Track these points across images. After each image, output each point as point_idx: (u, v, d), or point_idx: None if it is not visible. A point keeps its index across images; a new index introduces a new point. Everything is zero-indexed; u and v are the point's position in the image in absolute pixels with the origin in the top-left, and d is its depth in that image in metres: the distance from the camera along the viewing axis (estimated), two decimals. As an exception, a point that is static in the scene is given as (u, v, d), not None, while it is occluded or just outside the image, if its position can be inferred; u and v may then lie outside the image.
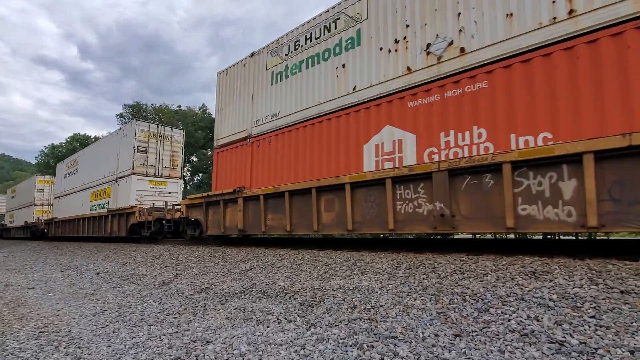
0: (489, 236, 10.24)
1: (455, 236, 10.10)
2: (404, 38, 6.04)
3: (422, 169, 5.07)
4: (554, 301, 3.00)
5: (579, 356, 2.31)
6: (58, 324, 4.47)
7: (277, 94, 8.33)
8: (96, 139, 49.73)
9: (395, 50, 6.14)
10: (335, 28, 7.25)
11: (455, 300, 3.39)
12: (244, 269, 5.96)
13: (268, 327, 3.60)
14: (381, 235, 8.95)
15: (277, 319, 3.73)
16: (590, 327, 2.58)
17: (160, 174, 14.49)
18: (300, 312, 3.82)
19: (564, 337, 2.52)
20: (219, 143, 9.97)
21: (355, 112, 6.66)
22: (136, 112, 42.15)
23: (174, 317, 4.31)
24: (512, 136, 4.78)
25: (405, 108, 5.93)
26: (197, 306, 4.62)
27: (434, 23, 5.68)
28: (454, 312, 3.17)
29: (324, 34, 7.46)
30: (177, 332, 3.77)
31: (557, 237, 8.08)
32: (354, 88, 6.71)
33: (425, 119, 5.66)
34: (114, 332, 4.00)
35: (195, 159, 37.88)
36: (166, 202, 12.22)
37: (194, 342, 3.45)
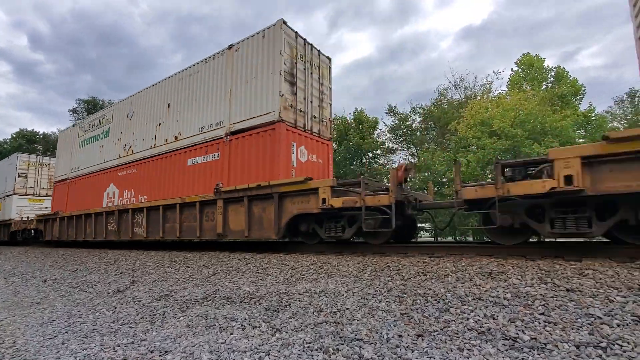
0: (449, 238, 10.66)
1: (419, 239, 10.45)
2: (119, 139, 12.21)
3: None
4: (508, 300, 3.17)
5: (530, 351, 2.45)
6: (1, 335, 4.06)
7: (81, 154, 14.26)
8: (45, 135, 46.05)
9: (115, 143, 12.28)
10: (100, 123, 13.53)
11: (418, 301, 3.48)
12: (207, 275, 5.76)
13: (232, 334, 3.49)
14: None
15: (241, 325, 3.63)
16: (540, 323, 2.75)
17: (38, 194, 19.82)
18: (266, 317, 3.75)
19: (517, 333, 2.66)
20: (55, 180, 16.07)
21: (103, 173, 12.63)
22: (92, 107, 39.63)
23: (130, 327, 4.06)
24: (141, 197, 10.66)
25: (117, 175, 11.92)
26: (155, 314, 4.39)
27: (127, 134, 11.99)
28: (417, 312, 3.26)
29: (98, 124, 13.67)
30: (132, 343, 3.55)
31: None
32: (104, 160, 12.63)
33: (125, 182, 11.57)
34: (63, 344, 3.69)
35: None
36: (21, 216, 17.98)
37: (152, 352, 3.26)
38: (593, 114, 21.50)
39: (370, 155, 26.49)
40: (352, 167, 25.54)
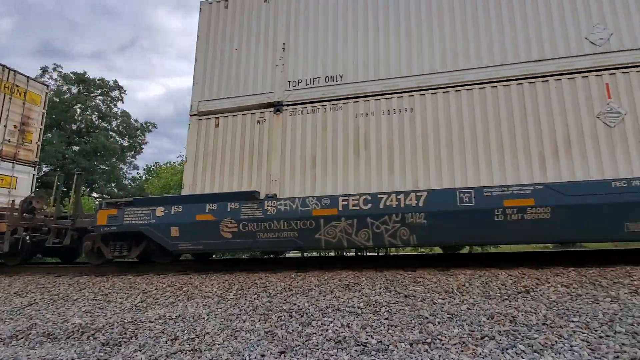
0: (314, 254, 11.33)
1: (287, 255, 10.74)
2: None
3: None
4: (361, 308, 3.52)
5: (377, 353, 2.75)
6: None
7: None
8: None
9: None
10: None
11: (283, 317, 3.50)
12: (19, 305, 4.43)
13: (49, 381, 2.73)
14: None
15: (66, 368, 2.89)
16: (384, 327, 3.14)
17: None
18: (102, 354, 3.09)
19: (367, 338, 2.96)
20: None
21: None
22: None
23: None
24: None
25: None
26: None
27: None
28: (281, 329, 3.26)
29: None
30: None
31: (364, 254, 9.73)
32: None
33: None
34: None
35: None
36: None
37: None
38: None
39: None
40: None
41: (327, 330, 3.16)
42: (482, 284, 4.06)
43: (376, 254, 9.94)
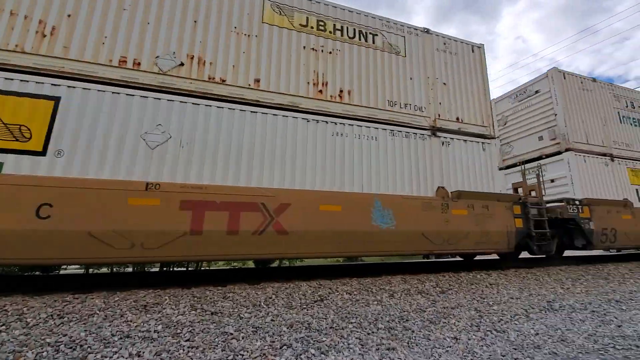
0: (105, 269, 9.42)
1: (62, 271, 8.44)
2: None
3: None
4: (158, 332, 3.10)
5: (171, 382, 2.45)
6: None
7: None
8: None
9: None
10: None
11: (45, 353, 2.65)
12: None
13: None
14: None
15: None
16: (184, 350, 2.86)
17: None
18: None
19: (161, 366, 2.60)
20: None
21: None
22: None
23: None
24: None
25: None
26: None
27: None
28: (37, 371, 2.45)
29: None
30: None
31: (171, 269, 8.82)
32: None
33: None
34: None
35: None
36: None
37: None
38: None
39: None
40: None
41: (109, 363, 2.59)
42: (286, 295, 4.37)
43: (185, 269, 9.20)
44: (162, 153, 4.83)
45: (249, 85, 5.66)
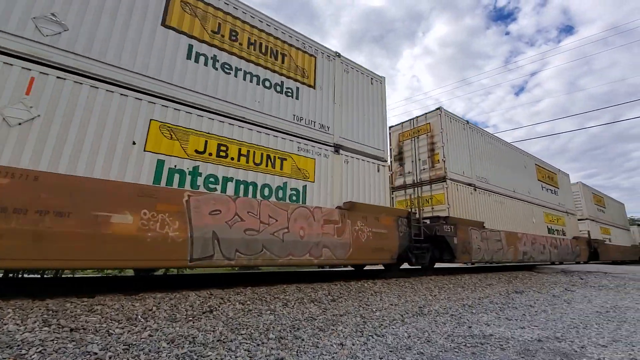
0: None
1: None
2: None
3: None
4: (-10, 356, 2.44)
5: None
6: None
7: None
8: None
9: None
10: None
11: None
12: None
13: None
14: None
15: None
16: (26, 377, 2.31)
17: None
18: None
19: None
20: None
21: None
22: None
23: None
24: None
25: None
26: None
27: None
28: None
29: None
30: None
31: (20, 276, 7.16)
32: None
33: None
34: None
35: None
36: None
37: None
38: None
39: None
40: None
41: None
42: (170, 307, 3.96)
43: (40, 275, 7.59)
44: None
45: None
